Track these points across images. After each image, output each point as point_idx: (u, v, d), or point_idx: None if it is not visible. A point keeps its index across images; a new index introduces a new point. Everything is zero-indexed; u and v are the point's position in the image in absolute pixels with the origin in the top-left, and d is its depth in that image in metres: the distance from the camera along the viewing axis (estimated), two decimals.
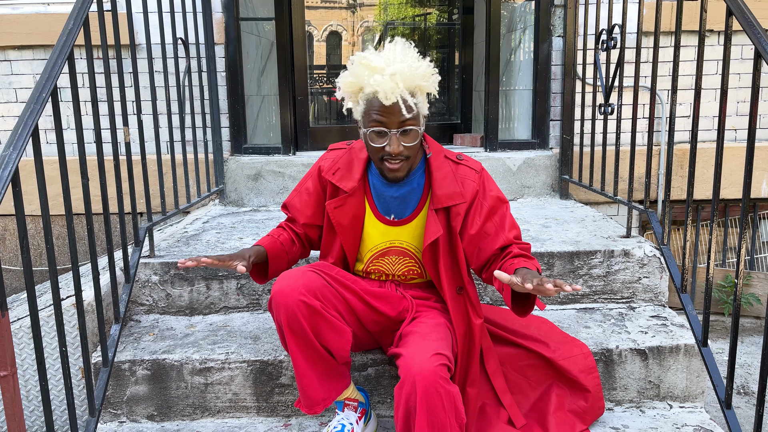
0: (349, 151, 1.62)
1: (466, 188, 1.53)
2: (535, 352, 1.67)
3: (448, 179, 1.52)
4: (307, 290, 1.43)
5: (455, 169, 1.55)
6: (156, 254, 2.11)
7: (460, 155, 1.59)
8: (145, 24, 2.05)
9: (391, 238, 1.59)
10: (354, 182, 1.56)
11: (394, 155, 1.42)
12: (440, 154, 1.56)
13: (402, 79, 1.37)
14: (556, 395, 1.65)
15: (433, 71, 1.45)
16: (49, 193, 2.90)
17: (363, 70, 1.40)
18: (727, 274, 3.10)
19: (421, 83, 1.41)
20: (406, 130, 1.41)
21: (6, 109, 2.98)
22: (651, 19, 2.82)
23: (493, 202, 1.55)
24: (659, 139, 3.01)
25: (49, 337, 1.93)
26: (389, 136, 1.41)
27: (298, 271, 1.49)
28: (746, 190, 1.45)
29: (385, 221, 1.59)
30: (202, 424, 1.78)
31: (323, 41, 4.60)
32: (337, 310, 1.50)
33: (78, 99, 1.57)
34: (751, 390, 2.43)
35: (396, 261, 1.62)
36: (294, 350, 1.45)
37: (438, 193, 1.51)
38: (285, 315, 1.42)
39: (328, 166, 1.60)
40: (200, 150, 2.82)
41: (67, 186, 1.46)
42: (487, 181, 1.57)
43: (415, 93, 1.41)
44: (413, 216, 1.57)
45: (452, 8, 3.97)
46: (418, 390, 1.30)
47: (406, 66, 1.38)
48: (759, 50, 1.42)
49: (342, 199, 1.56)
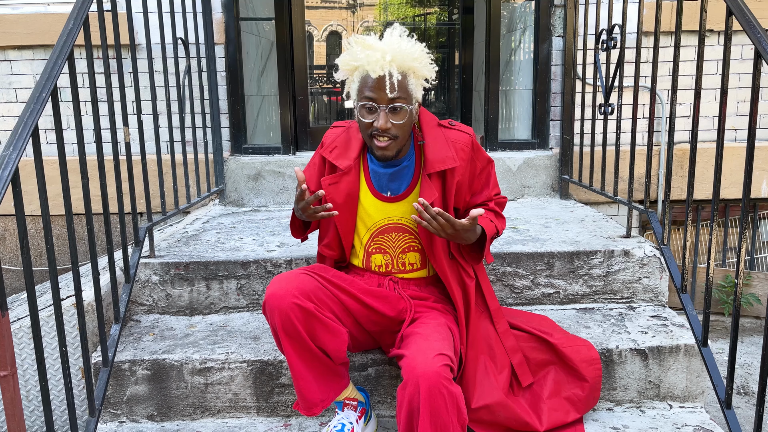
0: (347, 130, 1.65)
1: (459, 152, 1.56)
2: (539, 336, 1.69)
3: (439, 143, 1.55)
4: (300, 293, 1.43)
5: (446, 133, 1.58)
6: (156, 254, 2.11)
7: (451, 121, 1.62)
8: (145, 24, 2.05)
9: (389, 215, 1.61)
10: (350, 161, 1.58)
11: (381, 131, 1.45)
12: (433, 121, 1.60)
13: (392, 57, 1.41)
14: (553, 380, 1.66)
15: (427, 57, 1.49)
16: (49, 193, 2.90)
17: (357, 47, 1.46)
18: (727, 274, 3.10)
19: (413, 65, 1.44)
20: (395, 107, 1.44)
21: (6, 109, 2.98)
22: (651, 19, 2.82)
23: (483, 163, 1.63)
24: (659, 139, 3.01)
25: (49, 337, 1.93)
26: (378, 112, 1.44)
27: (291, 273, 1.49)
28: (746, 190, 1.45)
29: (382, 198, 1.61)
30: (202, 424, 1.78)
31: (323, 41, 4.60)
32: (333, 312, 1.50)
33: (78, 99, 1.57)
34: (751, 390, 2.43)
35: (396, 238, 1.63)
36: (290, 353, 1.45)
37: (430, 157, 1.54)
38: (279, 318, 1.42)
39: (328, 143, 1.64)
40: (200, 150, 2.82)
41: (67, 186, 1.46)
42: (476, 145, 1.61)
43: (407, 74, 1.45)
44: (409, 191, 1.60)
45: (452, 8, 3.97)
46: (422, 391, 1.30)
47: (398, 46, 1.43)
48: (759, 50, 1.42)
49: (337, 176, 1.58)
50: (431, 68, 1.50)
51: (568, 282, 2.05)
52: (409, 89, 1.46)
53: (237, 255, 2.08)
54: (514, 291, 2.05)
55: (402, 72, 1.43)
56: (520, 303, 2.06)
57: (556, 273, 2.05)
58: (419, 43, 1.49)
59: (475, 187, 1.63)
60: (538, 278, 2.05)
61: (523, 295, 2.05)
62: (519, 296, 2.06)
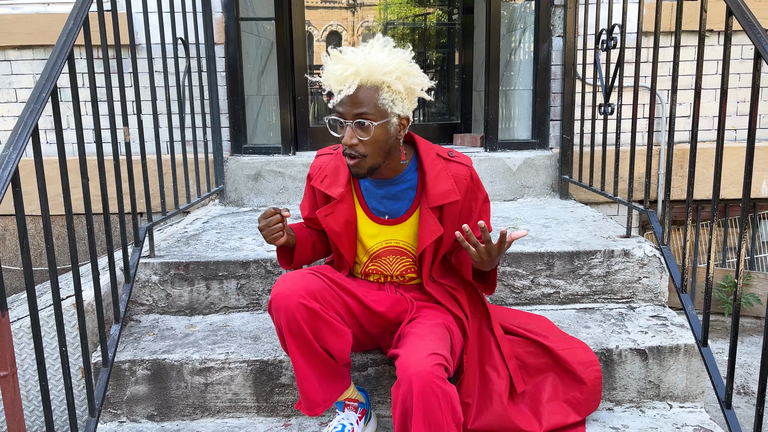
0: (335, 157, 1.62)
1: (459, 185, 1.55)
2: (535, 341, 1.69)
3: (441, 177, 1.54)
4: (307, 293, 1.43)
5: (447, 166, 1.56)
6: (156, 254, 2.11)
7: (451, 152, 1.60)
8: (145, 24, 2.05)
9: (387, 238, 1.60)
10: (341, 187, 1.56)
11: (347, 147, 1.42)
12: (431, 151, 1.57)
13: (355, 70, 1.37)
14: (551, 384, 1.66)
15: (407, 69, 1.43)
16: (49, 193, 2.90)
17: (329, 60, 1.44)
18: (727, 274, 3.10)
19: (384, 78, 1.39)
20: (362, 123, 1.40)
21: (6, 109, 2.98)
22: (651, 19, 2.82)
23: (481, 199, 1.62)
24: (659, 139, 3.01)
25: (49, 337, 1.93)
26: (345, 127, 1.42)
27: (297, 273, 1.49)
28: (746, 190, 1.45)
29: (380, 221, 1.60)
30: (202, 424, 1.78)
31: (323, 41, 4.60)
32: (337, 312, 1.50)
33: (78, 99, 1.57)
34: (751, 390, 2.43)
35: (393, 261, 1.62)
36: (294, 353, 1.45)
37: (432, 191, 1.52)
38: (285, 318, 1.42)
39: (316, 174, 1.62)
40: (200, 150, 2.82)
41: (67, 186, 1.46)
42: (476, 177, 1.61)
43: (379, 87, 1.40)
44: (408, 215, 1.58)
45: (452, 8, 3.97)
46: (415, 390, 1.30)
47: (366, 59, 1.38)
48: (759, 50, 1.42)
49: (332, 206, 1.57)
50: (414, 80, 1.44)
51: (568, 282, 2.05)
52: (379, 104, 1.40)
53: (237, 255, 2.08)
54: (514, 291, 2.05)
55: (373, 85, 1.39)
56: (520, 303, 2.06)
57: (556, 273, 2.05)
58: (401, 55, 1.43)
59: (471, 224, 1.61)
60: (538, 278, 2.05)
61: (523, 295, 2.05)
62: (519, 296, 2.06)
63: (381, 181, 1.56)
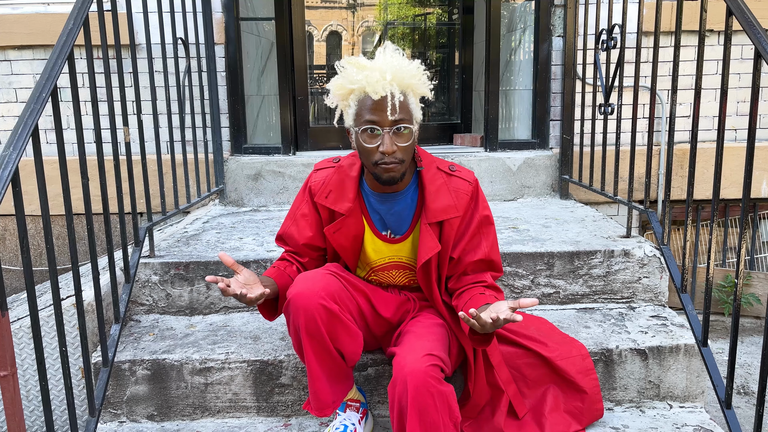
0: (338, 170, 1.56)
1: (460, 201, 1.50)
2: (534, 351, 1.67)
3: (441, 192, 1.49)
4: (327, 294, 1.41)
5: (448, 180, 1.51)
6: (156, 254, 2.11)
7: (452, 166, 1.55)
8: (145, 24, 2.05)
9: (390, 254, 1.58)
10: (349, 202, 1.52)
11: (388, 154, 1.37)
12: (432, 165, 1.53)
13: (392, 75, 1.35)
14: (552, 395, 1.65)
15: (423, 73, 1.43)
16: (49, 193, 2.90)
17: (352, 68, 1.39)
18: (727, 274, 3.10)
19: (411, 81, 1.39)
20: (400, 128, 1.37)
21: (6, 109, 2.98)
22: (651, 19, 2.82)
23: (483, 219, 1.54)
24: (659, 139, 3.01)
25: (49, 337, 1.93)
26: (382, 135, 1.37)
27: (316, 273, 1.46)
28: (746, 190, 1.45)
29: (384, 238, 1.57)
30: (202, 424, 1.78)
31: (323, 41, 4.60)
32: (351, 313, 1.50)
33: (78, 99, 1.57)
34: (751, 390, 2.43)
35: (396, 274, 1.62)
36: (309, 353, 1.44)
37: (432, 206, 1.48)
38: (304, 318, 1.39)
39: (319, 189, 1.56)
40: (200, 150, 2.82)
41: (67, 186, 1.46)
42: (480, 195, 1.55)
43: (406, 93, 1.39)
44: (409, 231, 1.56)
45: (452, 8, 3.97)
46: (409, 389, 1.30)
47: (397, 64, 1.37)
48: (759, 50, 1.42)
49: (339, 222, 1.53)
50: (428, 85, 1.44)
51: (568, 282, 2.05)
52: (410, 109, 1.40)
53: (237, 255, 2.08)
54: (514, 291, 2.05)
55: (402, 91, 1.38)
56: None
57: (556, 273, 2.05)
58: (414, 60, 1.43)
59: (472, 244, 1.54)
60: (538, 278, 2.05)
61: (523, 295, 2.05)
62: (519, 296, 2.06)
63: (385, 195, 1.52)
